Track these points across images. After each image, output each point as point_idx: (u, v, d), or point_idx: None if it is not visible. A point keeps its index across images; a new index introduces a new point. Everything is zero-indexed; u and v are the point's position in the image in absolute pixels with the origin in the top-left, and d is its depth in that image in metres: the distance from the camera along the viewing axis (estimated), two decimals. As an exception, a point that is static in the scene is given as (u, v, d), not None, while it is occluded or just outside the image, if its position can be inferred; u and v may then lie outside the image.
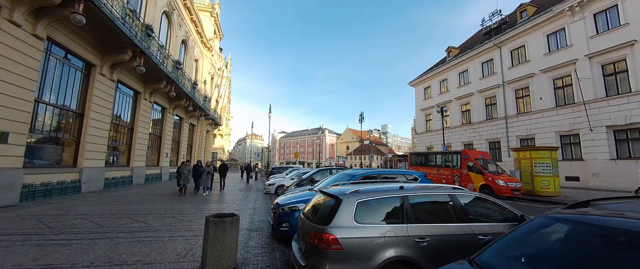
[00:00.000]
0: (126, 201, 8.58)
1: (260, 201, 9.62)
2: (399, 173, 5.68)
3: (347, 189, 2.92)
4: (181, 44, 21.10)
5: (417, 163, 17.45)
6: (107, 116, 11.71)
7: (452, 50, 27.66)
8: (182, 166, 11.01)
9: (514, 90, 20.20)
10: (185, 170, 10.80)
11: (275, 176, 16.59)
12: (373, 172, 5.46)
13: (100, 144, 11.35)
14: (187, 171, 10.85)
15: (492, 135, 21.48)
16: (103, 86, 11.30)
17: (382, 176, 5.31)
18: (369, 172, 5.48)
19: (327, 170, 10.70)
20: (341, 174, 5.85)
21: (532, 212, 5.94)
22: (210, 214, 3.43)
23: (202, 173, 11.08)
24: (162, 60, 13.95)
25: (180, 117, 22.12)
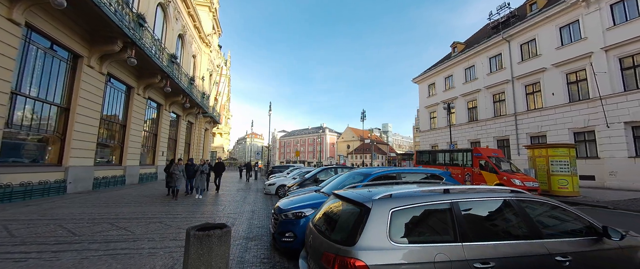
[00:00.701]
0: (113, 202, 7.84)
1: (259, 202, 8.87)
2: (423, 172, 4.90)
3: (376, 193, 2.15)
4: (178, 39, 20.32)
5: (424, 161, 16.70)
6: (96, 111, 10.95)
7: (458, 45, 26.86)
8: (172, 166, 9.45)
9: (524, 85, 19.41)
10: (177, 170, 9.27)
11: (276, 175, 15.85)
12: (391, 170, 4.64)
13: (89, 141, 10.60)
14: (178, 171, 9.30)
15: (501, 132, 20.71)
16: (91, 79, 10.54)
17: (402, 175, 4.56)
18: (387, 171, 4.60)
19: (331, 169, 9.96)
20: (352, 173, 5.08)
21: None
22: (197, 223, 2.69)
23: (196, 173, 9.80)
24: (156, 53, 13.18)
25: (178, 114, 21.38)
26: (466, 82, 24.27)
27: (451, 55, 27.32)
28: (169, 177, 9.41)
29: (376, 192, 2.23)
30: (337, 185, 4.82)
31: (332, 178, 7.07)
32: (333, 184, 4.97)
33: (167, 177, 9.58)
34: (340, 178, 5.11)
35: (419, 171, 4.58)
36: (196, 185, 9.72)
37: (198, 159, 10.91)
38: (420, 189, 2.33)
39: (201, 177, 9.70)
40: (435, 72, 28.11)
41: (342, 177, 5.09)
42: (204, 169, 9.77)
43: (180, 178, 9.25)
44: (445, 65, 26.77)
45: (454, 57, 25.87)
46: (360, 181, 4.24)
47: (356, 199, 2.16)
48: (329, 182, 6.26)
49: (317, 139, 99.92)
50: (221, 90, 39.80)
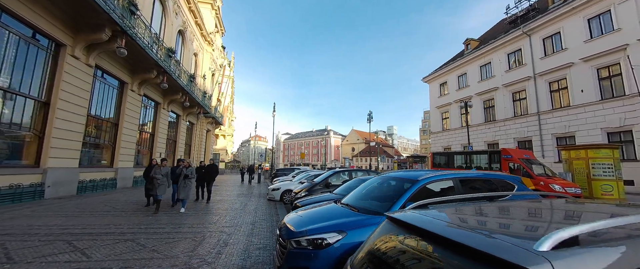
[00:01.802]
0: (90, 211, 6.67)
1: (262, 211, 7.61)
2: (488, 178, 3.34)
3: (541, 235, 0.89)
4: (178, 35, 19.36)
5: (441, 164, 15.32)
6: (82, 106, 9.88)
7: (471, 42, 25.49)
8: (153, 169, 7.31)
9: (548, 82, 17.95)
10: (159, 174, 7.05)
11: (280, 178, 14.61)
12: (444, 176, 3.09)
13: (73, 140, 9.50)
14: (160, 175, 7.06)
15: (522, 133, 19.22)
16: (76, 70, 9.47)
17: (462, 181, 3.01)
18: (442, 176, 3.05)
19: (344, 172, 8.67)
20: (383, 179, 3.73)
21: None
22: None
23: (179, 178, 7.53)
24: (151, 45, 12.12)
25: (177, 114, 20.36)
26: (482, 81, 22.86)
27: (464, 52, 25.95)
28: (149, 184, 7.40)
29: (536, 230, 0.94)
30: (363, 195, 3.56)
31: (351, 184, 5.82)
32: (357, 193, 3.71)
33: (146, 184, 7.61)
34: (365, 185, 3.83)
35: (481, 176, 3.29)
36: (180, 195, 7.40)
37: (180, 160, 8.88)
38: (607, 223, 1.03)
39: (185, 184, 7.40)
40: (447, 70, 26.73)
41: (368, 184, 3.82)
42: (188, 172, 7.42)
43: (162, 185, 7.06)
44: (458, 63, 25.39)
45: (468, 54, 24.49)
46: (402, 191, 2.93)
47: (491, 251, 0.88)
48: (348, 189, 5.02)
49: (322, 142, 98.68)
50: (224, 91, 38.93)
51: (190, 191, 7.57)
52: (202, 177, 9.29)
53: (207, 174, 9.26)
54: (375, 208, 2.89)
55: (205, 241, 4.33)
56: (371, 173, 8.44)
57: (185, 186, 7.43)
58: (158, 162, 7.86)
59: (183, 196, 7.36)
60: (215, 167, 9.58)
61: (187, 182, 7.48)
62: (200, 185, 9.38)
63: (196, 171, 9.09)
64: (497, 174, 3.50)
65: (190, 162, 8.00)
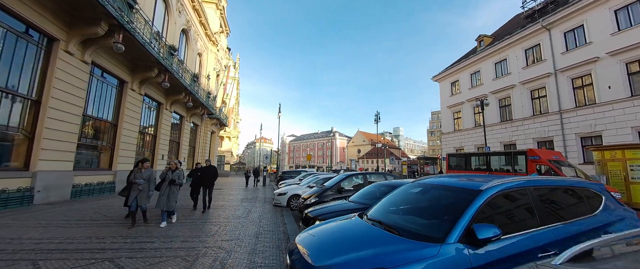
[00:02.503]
0: (76, 220, 6.00)
1: (267, 219, 6.84)
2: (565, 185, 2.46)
3: None
4: (181, 34, 18.88)
5: (458, 166, 14.37)
6: (78, 106, 9.30)
7: (485, 38, 24.44)
8: (132, 173, 5.89)
9: (571, 79, 16.84)
10: (140, 178, 5.61)
11: (287, 182, 13.87)
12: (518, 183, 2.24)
13: (66, 141, 8.92)
14: (141, 180, 5.61)
15: (542, 133, 18.09)
16: (70, 67, 8.90)
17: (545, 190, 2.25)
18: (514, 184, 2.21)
19: (358, 175, 7.83)
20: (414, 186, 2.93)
21: None
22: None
23: (163, 184, 5.98)
24: (151, 42, 11.55)
25: (181, 115, 19.85)
26: (497, 78, 21.78)
27: (477, 49, 24.91)
28: (127, 189, 5.81)
29: None
30: (397, 208, 2.75)
31: (369, 190, 5.01)
32: (388, 204, 2.90)
33: (123, 190, 5.98)
34: (397, 195, 3.00)
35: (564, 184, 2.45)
36: (160, 204, 5.78)
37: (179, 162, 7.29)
38: None
39: (170, 192, 5.85)
40: (458, 68, 25.70)
41: (402, 193, 2.98)
42: (175, 177, 5.96)
43: (143, 191, 5.62)
44: (470, 60, 24.35)
45: (481, 51, 23.44)
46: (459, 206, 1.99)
47: None
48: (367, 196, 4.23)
49: (327, 143, 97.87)
50: (229, 92, 38.52)
51: (173, 200, 5.90)
52: (198, 182, 7.95)
53: (205, 178, 7.88)
54: (422, 229, 2.09)
55: (198, 261, 3.58)
56: (388, 176, 7.61)
57: (170, 194, 5.83)
58: (141, 164, 6.06)
59: (164, 207, 5.74)
60: (214, 170, 8.07)
61: (173, 190, 5.89)
62: (195, 191, 8.04)
63: (191, 174, 8.14)
64: (578, 181, 2.66)
65: (179, 163, 6.68)
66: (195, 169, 8.34)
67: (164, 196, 5.76)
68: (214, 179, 7.99)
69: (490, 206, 2.04)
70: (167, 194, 5.81)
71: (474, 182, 2.25)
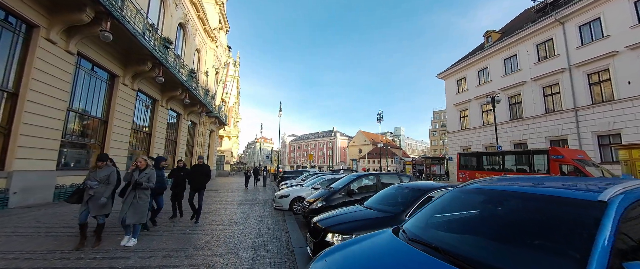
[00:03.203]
0: (46, 228, 5.24)
1: (267, 226, 6.04)
2: None
3: None
4: (178, 28, 18.11)
5: (469, 166, 13.58)
6: (61, 100, 8.53)
7: (492, 34, 23.62)
8: (91, 174, 4.34)
9: (586, 74, 16.02)
10: (93, 180, 4.22)
11: (288, 182, 13.09)
12: None
13: (49, 138, 8.15)
14: (96, 181, 4.23)
15: (555, 132, 17.27)
16: (52, 57, 8.13)
17: None
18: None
19: (368, 175, 7.03)
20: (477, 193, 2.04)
21: None
22: None
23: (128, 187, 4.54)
24: (144, 32, 10.79)
25: (178, 113, 19.07)
26: (506, 75, 20.97)
27: (484, 45, 24.09)
28: (76, 195, 4.36)
29: None
30: (440, 223, 1.98)
31: (388, 193, 4.23)
32: (430, 216, 2.13)
33: (72, 195, 4.42)
34: (448, 201, 2.21)
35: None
36: (124, 216, 4.31)
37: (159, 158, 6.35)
38: None
39: (138, 199, 4.40)
40: (465, 65, 24.89)
41: (445, 202, 2.21)
42: (142, 179, 4.44)
43: (96, 198, 4.16)
44: (477, 57, 23.54)
45: (489, 47, 22.63)
46: (580, 229, 1.14)
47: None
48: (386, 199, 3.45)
49: (328, 143, 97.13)
50: (229, 91, 37.73)
51: (144, 211, 4.45)
52: (180, 185, 6.42)
53: (195, 179, 6.29)
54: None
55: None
56: (403, 178, 6.82)
57: (136, 202, 4.35)
58: (97, 163, 4.45)
59: (131, 219, 4.27)
60: (206, 169, 6.49)
61: (140, 196, 4.41)
62: (177, 196, 6.48)
63: (172, 174, 6.55)
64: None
65: (150, 161, 4.85)
66: (176, 168, 6.75)
67: (127, 205, 4.33)
68: (207, 181, 6.44)
69: (625, 227, 1.27)
70: (131, 201, 4.33)
71: (580, 190, 1.47)
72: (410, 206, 3.51)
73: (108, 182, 4.36)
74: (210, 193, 12.96)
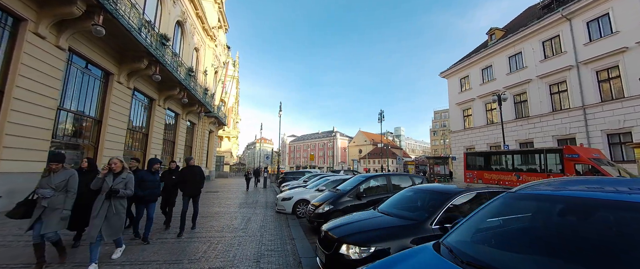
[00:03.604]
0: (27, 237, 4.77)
1: (270, 232, 5.60)
2: None
3: None
4: (176, 26, 17.69)
5: (477, 166, 13.16)
6: (51, 98, 8.09)
7: (496, 32, 23.24)
8: (44, 180, 3.52)
9: (595, 71, 15.63)
10: (46, 188, 3.43)
11: (290, 183, 12.65)
12: None
13: (37, 138, 7.71)
14: (51, 189, 3.42)
15: (562, 130, 16.87)
16: (41, 53, 7.69)
17: None
18: None
19: (377, 177, 6.56)
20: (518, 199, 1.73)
21: None
22: None
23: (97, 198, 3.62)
24: (140, 28, 10.36)
25: (176, 112, 18.62)
26: (511, 73, 20.57)
27: (488, 43, 23.70)
28: (23, 206, 3.55)
29: None
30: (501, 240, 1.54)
31: (404, 197, 3.81)
32: (479, 229, 1.70)
33: (16, 207, 3.60)
34: (495, 209, 1.77)
35: None
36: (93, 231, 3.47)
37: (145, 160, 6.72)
38: None
39: (110, 209, 3.59)
40: (468, 63, 24.49)
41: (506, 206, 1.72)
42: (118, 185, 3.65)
43: (51, 210, 3.41)
44: (481, 55, 23.15)
45: (493, 45, 22.25)
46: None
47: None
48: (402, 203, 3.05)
49: (328, 144, 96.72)
50: (229, 91, 37.28)
51: (120, 225, 3.67)
52: (172, 189, 5.55)
53: (187, 184, 5.43)
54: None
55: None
56: (415, 179, 6.38)
57: (110, 213, 3.53)
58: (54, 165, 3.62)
59: (102, 235, 3.45)
60: (198, 172, 5.72)
61: (117, 208, 3.59)
62: (168, 202, 5.67)
63: (163, 177, 5.62)
64: None
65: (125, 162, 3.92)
66: (168, 170, 5.99)
67: (100, 218, 3.39)
68: (201, 185, 5.67)
69: None
70: (105, 214, 3.44)
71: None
72: (435, 212, 3.07)
73: (67, 189, 3.48)
74: (208, 195, 12.52)
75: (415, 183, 6.01)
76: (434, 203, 3.25)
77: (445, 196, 3.25)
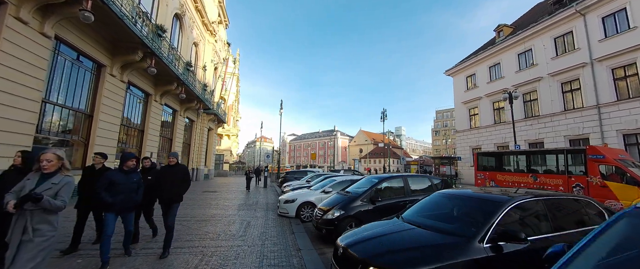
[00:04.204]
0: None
1: (272, 239, 4.95)
2: None
3: None
4: (174, 19, 17.02)
5: (489, 167, 12.53)
6: (34, 89, 7.44)
7: (504, 29, 22.58)
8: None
9: (611, 69, 14.98)
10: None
11: (292, 183, 12.00)
12: None
13: (19, 132, 7.07)
14: None
15: (575, 130, 16.24)
16: (22, 39, 7.04)
17: None
18: None
19: (392, 179, 5.89)
20: None
21: None
22: None
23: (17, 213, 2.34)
24: (133, 16, 9.71)
25: (174, 109, 17.98)
26: (520, 71, 19.92)
27: (495, 40, 23.04)
28: None
29: None
30: None
31: (432, 203, 3.17)
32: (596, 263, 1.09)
33: None
34: (609, 238, 1.20)
35: None
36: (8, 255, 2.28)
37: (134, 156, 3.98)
38: None
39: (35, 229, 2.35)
40: (475, 61, 23.83)
41: (614, 234, 1.20)
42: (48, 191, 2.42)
43: None
44: (489, 52, 22.49)
45: (501, 42, 21.59)
46: None
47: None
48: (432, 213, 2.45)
49: (329, 143, 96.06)
50: (229, 88, 36.60)
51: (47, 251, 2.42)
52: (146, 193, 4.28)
53: (164, 187, 4.26)
54: None
55: None
56: (434, 180, 5.73)
57: (31, 238, 2.33)
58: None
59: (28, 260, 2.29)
60: (183, 172, 4.53)
61: (35, 230, 2.36)
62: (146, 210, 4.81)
63: None
64: None
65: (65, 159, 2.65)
66: (143, 168, 4.90)
67: (14, 245, 2.30)
68: (183, 189, 4.38)
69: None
70: (19, 237, 2.31)
71: None
72: (483, 226, 2.44)
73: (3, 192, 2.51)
74: (206, 195, 11.89)
75: (433, 184, 5.38)
76: (478, 213, 2.62)
77: (494, 205, 2.61)
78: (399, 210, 4.97)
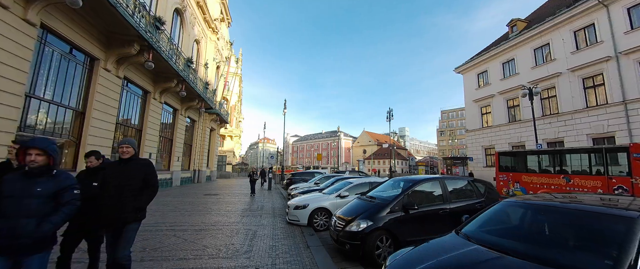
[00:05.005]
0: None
1: (283, 259, 4.04)
2: None
3: None
4: (175, 14, 16.34)
5: (511, 168, 11.61)
6: (18, 82, 6.71)
7: (518, 23, 21.59)
8: None
9: (638, 62, 13.98)
10: None
11: (299, 186, 11.13)
12: None
13: (2, 131, 6.32)
14: None
15: (599, 129, 15.23)
16: (4, 26, 6.30)
17: None
18: None
19: (426, 181, 4.97)
20: None
21: None
22: None
23: None
24: (128, 7, 8.97)
25: (174, 108, 17.28)
26: (536, 66, 18.94)
27: (509, 35, 22.06)
28: None
29: None
30: None
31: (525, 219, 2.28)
32: None
33: None
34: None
35: None
36: None
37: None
38: None
39: None
40: (487, 57, 22.86)
41: None
42: None
43: None
44: (502, 48, 21.52)
45: (515, 37, 20.61)
46: None
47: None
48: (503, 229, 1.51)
49: (332, 144, 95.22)
50: (231, 88, 35.92)
51: None
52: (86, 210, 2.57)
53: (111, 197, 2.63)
54: None
55: None
56: (477, 184, 4.85)
57: None
58: None
59: None
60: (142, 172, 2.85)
61: None
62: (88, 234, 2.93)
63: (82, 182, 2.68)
64: None
65: None
66: (85, 171, 3.15)
67: None
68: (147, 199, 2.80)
69: None
70: None
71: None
72: (622, 255, 1.57)
73: None
74: (207, 199, 11.07)
75: (477, 191, 4.53)
76: (597, 234, 1.76)
77: (624, 222, 1.73)
78: (437, 220, 4.15)
